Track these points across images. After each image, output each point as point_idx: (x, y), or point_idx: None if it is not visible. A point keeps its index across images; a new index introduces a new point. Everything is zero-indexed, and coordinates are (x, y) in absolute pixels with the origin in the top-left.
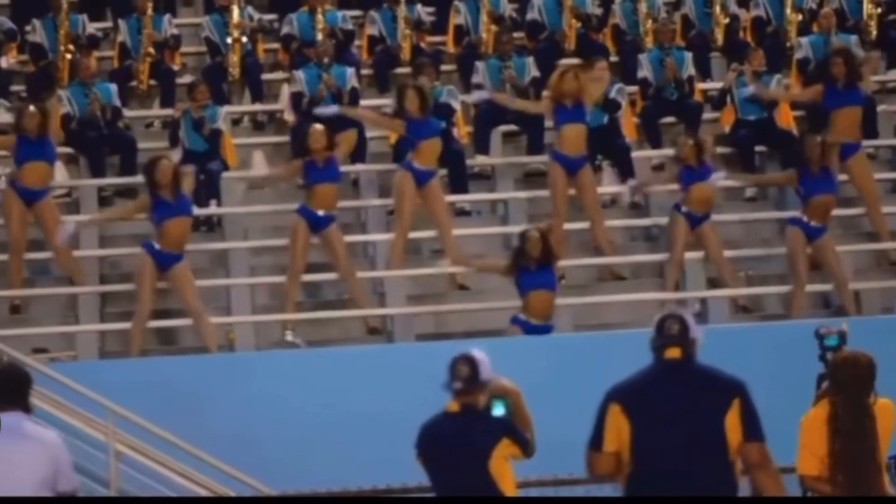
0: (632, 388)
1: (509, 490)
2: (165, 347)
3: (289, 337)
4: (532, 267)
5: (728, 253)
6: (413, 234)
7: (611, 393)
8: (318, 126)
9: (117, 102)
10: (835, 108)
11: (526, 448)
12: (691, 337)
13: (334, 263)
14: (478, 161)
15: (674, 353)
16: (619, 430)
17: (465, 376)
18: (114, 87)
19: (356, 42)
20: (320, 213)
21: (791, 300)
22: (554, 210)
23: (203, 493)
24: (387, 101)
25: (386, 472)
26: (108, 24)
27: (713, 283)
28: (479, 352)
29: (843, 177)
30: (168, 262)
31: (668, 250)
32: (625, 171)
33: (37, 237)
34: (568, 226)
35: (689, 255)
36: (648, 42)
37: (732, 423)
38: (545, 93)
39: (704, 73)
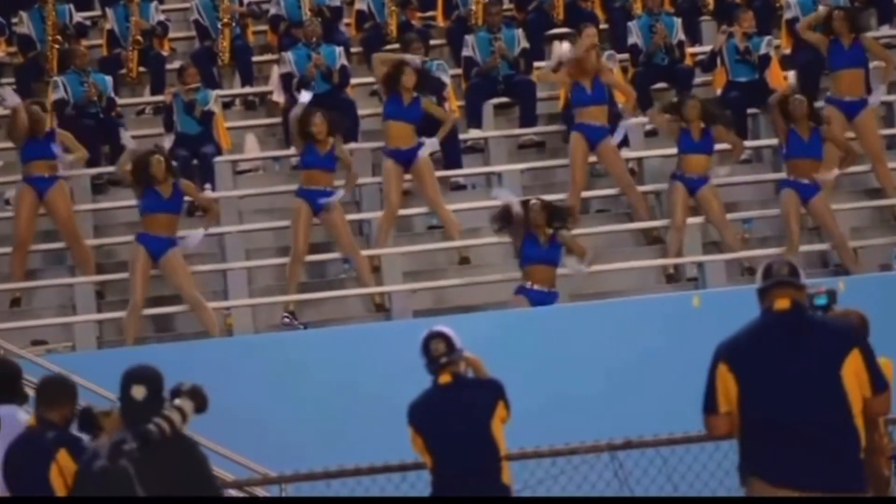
0: (738, 344)
1: (505, 451)
2: (162, 335)
3: (285, 319)
4: (541, 241)
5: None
6: (407, 211)
7: (718, 351)
8: (319, 115)
9: (112, 94)
10: (840, 68)
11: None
12: (801, 282)
13: (337, 242)
14: (470, 134)
15: (783, 304)
16: (727, 389)
17: (444, 351)
18: (109, 79)
19: (344, 20)
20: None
21: None
22: (572, 180)
23: None
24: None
25: (384, 449)
26: (96, 12)
27: (711, 247)
28: (444, 327)
29: (849, 134)
30: (158, 247)
31: (668, 217)
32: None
33: (43, 227)
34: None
35: (688, 220)
36: (637, 9)
37: (852, 374)
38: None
39: (694, 37)
